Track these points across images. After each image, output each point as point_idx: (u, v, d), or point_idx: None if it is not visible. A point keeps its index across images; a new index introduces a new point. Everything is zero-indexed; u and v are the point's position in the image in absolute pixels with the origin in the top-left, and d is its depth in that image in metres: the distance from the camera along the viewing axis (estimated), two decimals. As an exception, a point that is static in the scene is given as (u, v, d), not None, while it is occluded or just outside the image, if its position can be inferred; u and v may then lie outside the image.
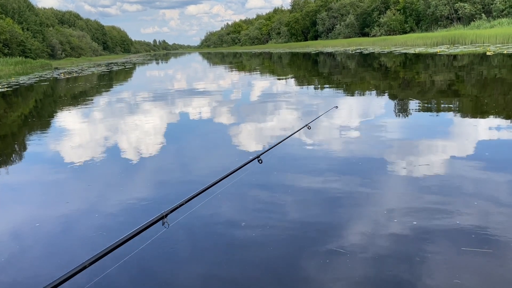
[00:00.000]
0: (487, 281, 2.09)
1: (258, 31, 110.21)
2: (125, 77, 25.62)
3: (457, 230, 2.60)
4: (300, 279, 2.20)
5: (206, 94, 11.88)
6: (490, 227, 2.60)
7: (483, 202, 2.98)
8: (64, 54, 73.07)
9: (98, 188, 4.02)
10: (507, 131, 5.03)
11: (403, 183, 3.46)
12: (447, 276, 2.13)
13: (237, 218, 2.99)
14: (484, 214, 2.79)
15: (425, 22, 49.26)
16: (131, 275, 2.37)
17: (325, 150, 4.59)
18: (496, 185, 3.28)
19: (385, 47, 34.95)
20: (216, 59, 47.55)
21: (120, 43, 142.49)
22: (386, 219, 2.79)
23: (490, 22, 36.53)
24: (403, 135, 5.23)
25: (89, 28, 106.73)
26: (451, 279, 2.11)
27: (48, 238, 2.98)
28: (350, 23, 63.02)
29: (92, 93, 15.14)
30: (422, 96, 8.40)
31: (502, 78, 10.18)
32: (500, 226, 2.61)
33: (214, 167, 4.36)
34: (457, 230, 2.59)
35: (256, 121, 6.80)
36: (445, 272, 2.18)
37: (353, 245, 2.49)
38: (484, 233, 2.53)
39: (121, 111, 9.26)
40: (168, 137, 6.08)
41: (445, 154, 4.21)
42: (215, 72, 23.21)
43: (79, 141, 6.31)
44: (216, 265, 2.40)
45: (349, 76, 14.13)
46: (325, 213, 2.96)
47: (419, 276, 2.15)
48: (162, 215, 1.92)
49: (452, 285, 2.07)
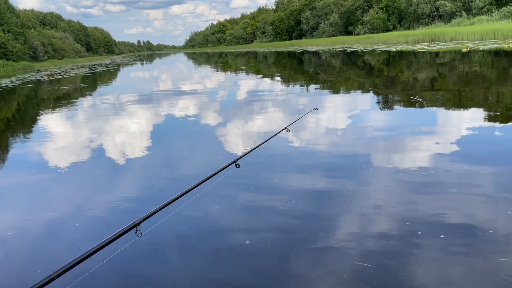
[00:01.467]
0: (472, 274, 2.15)
1: (243, 31, 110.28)
2: (110, 79, 25.48)
3: (442, 224, 2.65)
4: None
5: (190, 95, 11.92)
6: (475, 221, 2.66)
7: (468, 195, 3.05)
8: (47, 56, 72.08)
9: (72, 194, 3.96)
10: (486, 124, 5.28)
11: (385, 188, 3.36)
12: (434, 270, 2.19)
13: (213, 224, 2.92)
14: (469, 208, 2.85)
15: (407, 20, 50.04)
16: (101, 286, 2.34)
17: (304, 153, 4.53)
18: (480, 179, 3.36)
19: (368, 45, 35.42)
20: (202, 59, 47.48)
21: (103, 44, 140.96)
22: (369, 222, 2.76)
23: (470, 19, 37.34)
24: (385, 134, 5.17)
25: (72, 29, 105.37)
26: (438, 272, 2.17)
27: (15, 246, 2.95)
28: (334, 21, 63.59)
29: (76, 95, 15.08)
30: (401, 92, 8.66)
31: (473, 72, 10.54)
32: (485, 219, 2.67)
33: (190, 172, 4.27)
34: (442, 224, 2.64)
35: (237, 124, 6.68)
36: (431, 266, 2.23)
37: (339, 242, 2.52)
38: (469, 227, 2.59)
39: (104, 114, 9.22)
40: (146, 142, 5.95)
41: (428, 150, 4.28)
42: (200, 73, 23.22)
43: (60, 144, 6.28)
44: (191, 273, 2.37)
45: (333, 75, 14.34)
46: (305, 216, 2.93)
47: (406, 270, 2.21)
48: (134, 223, 1.89)
49: (438, 278, 2.12)
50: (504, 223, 2.62)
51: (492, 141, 4.53)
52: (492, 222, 2.65)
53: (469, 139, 4.63)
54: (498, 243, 2.40)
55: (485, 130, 5.00)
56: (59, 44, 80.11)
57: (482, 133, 4.86)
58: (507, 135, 4.76)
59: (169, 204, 2.14)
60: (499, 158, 3.91)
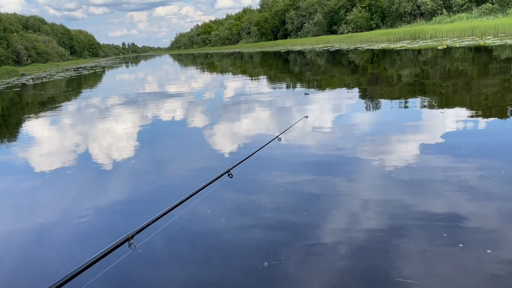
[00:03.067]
0: (459, 266, 2.21)
1: (228, 31, 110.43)
2: (96, 81, 25.50)
3: (429, 220, 2.72)
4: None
5: (177, 97, 11.95)
6: (461, 217, 2.72)
7: (453, 192, 3.11)
8: (30, 60, 71.23)
9: (62, 203, 3.84)
10: (462, 115, 5.67)
11: (382, 193, 3.27)
12: (421, 263, 2.26)
13: (208, 236, 2.85)
14: (454, 204, 2.91)
15: (390, 19, 50.89)
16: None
17: (296, 162, 4.34)
18: (464, 175, 3.43)
19: (351, 44, 35.99)
20: (188, 61, 47.53)
21: (87, 47, 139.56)
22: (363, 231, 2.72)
23: (451, 17, 38.22)
24: (380, 140, 4.87)
25: (55, 33, 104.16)
26: (425, 265, 2.23)
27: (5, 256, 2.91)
28: (318, 21, 64.22)
29: (63, 98, 15.13)
30: (386, 90, 9.04)
31: (449, 68, 11.02)
32: (470, 215, 2.74)
33: (183, 181, 4.16)
34: (429, 220, 2.71)
35: (228, 130, 6.42)
36: (419, 259, 2.30)
37: (335, 248, 2.52)
38: (455, 222, 2.65)
39: (93, 119, 9.14)
40: (137, 150, 5.74)
41: (418, 148, 4.33)
42: (186, 74, 23.33)
43: (51, 150, 6.23)
44: (186, 286, 2.33)
45: (319, 74, 14.60)
46: (303, 225, 2.85)
47: (394, 263, 2.27)
48: (128, 237, 1.87)
49: (426, 273, 2.17)
50: (490, 216, 2.70)
51: (474, 135, 4.68)
52: (478, 215, 2.73)
53: (454, 134, 4.77)
54: (485, 235, 2.48)
55: (463, 124, 5.32)
56: (43, 47, 79.17)
57: (463, 127, 5.10)
58: (488, 128, 4.98)
59: (162, 216, 2.11)
60: (484, 152, 4.03)
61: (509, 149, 4.10)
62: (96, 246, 2.71)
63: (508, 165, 3.61)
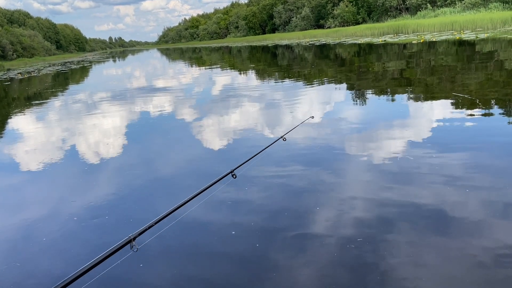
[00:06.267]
0: (445, 257, 2.26)
1: (217, 26, 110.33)
2: (85, 76, 25.76)
3: (417, 212, 2.79)
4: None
5: (166, 92, 12.02)
6: (447, 208, 2.79)
7: (440, 184, 3.18)
8: (16, 54, 70.57)
9: (61, 202, 3.74)
10: (420, 105, 6.24)
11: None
12: (409, 254, 2.32)
13: (212, 237, 2.72)
14: (441, 196, 2.98)
15: (376, 13, 51.66)
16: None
17: (302, 163, 4.07)
18: (451, 167, 3.50)
19: (336, 38, 36.61)
20: (175, 55, 47.63)
21: (74, 41, 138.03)
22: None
23: (435, 11, 39.07)
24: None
25: (40, 27, 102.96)
26: (412, 256, 2.29)
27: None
28: (306, 15, 64.77)
29: (54, 92, 15.34)
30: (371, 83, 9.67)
31: (426, 61, 11.74)
32: (456, 207, 2.81)
33: (185, 182, 3.96)
34: (417, 212, 2.78)
35: (227, 129, 6.01)
36: (406, 250, 2.36)
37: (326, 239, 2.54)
38: (442, 214, 2.73)
39: (78, 113, 9.20)
40: (136, 147, 5.62)
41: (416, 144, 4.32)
42: (174, 69, 23.50)
43: (42, 146, 6.13)
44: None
45: (307, 68, 14.94)
46: (306, 227, 2.74)
47: (382, 254, 2.32)
48: (129, 238, 1.85)
49: (413, 261, 2.24)
50: (475, 208, 2.79)
51: (455, 128, 4.81)
52: (464, 206, 2.81)
53: (439, 128, 4.84)
54: (470, 226, 2.56)
55: (422, 111, 5.92)
56: (28, 42, 78.36)
57: (423, 115, 5.52)
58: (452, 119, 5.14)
59: (165, 217, 2.07)
60: (470, 145, 4.13)
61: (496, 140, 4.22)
62: (96, 246, 2.75)
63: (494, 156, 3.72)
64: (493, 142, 4.15)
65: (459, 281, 2.07)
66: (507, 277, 2.05)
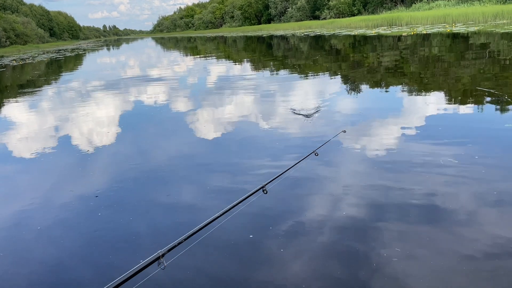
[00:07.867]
0: (436, 247, 2.31)
1: (212, 15, 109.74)
2: (81, 63, 25.86)
3: (409, 204, 2.84)
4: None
5: (176, 90, 11.87)
6: (439, 200, 2.85)
7: (433, 176, 3.25)
8: (9, 41, 70.02)
9: (51, 191, 3.68)
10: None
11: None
12: (399, 246, 2.35)
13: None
14: (433, 188, 3.04)
15: (372, 5, 51.81)
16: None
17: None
18: (444, 160, 3.57)
19: (331, 29, 36.85)
20: (170, 44, 47.54)
21: (67, 29, 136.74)
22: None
23: (429, 4, 39.30)
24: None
25: (34, 14, 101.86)
26: (404, 249, 2.32)
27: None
28: (302, 6, 64.70)
29: (51, 79, 15.51)
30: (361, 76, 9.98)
31: (413, 52, 12.12)
32: (448, 199, 2.86)
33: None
34: (409, 204, 2.83)
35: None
36: (398, 243, 2.39)
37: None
38: (433, 206, 2.78)
39: (71, 102, 9.10)
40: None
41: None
42: (169, 58, 23.57)
43: (30, 134, 6.08)
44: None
45: (302, 59, 15.16)
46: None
47: (373, 247, 2.36)
48: (158, 255, 1.81)
49: (404, 254, 2.28)
50: (467, 199, 2.85)
51: (448, 119, 4.92)
52: (455, 198, 2.87)
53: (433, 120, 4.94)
54: (461, 217, 2.62)
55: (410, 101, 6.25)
56: (21, 29, 77.58)
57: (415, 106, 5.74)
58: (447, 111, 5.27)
59: (194, 234, 2.02)
60: (462, 137, 4.20)
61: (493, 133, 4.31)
62: (122, 261, 2.59)
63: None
64: (491, 133, 4.30)
65: (450, 272, 2.11)
66: (497, 267, 2.12)
